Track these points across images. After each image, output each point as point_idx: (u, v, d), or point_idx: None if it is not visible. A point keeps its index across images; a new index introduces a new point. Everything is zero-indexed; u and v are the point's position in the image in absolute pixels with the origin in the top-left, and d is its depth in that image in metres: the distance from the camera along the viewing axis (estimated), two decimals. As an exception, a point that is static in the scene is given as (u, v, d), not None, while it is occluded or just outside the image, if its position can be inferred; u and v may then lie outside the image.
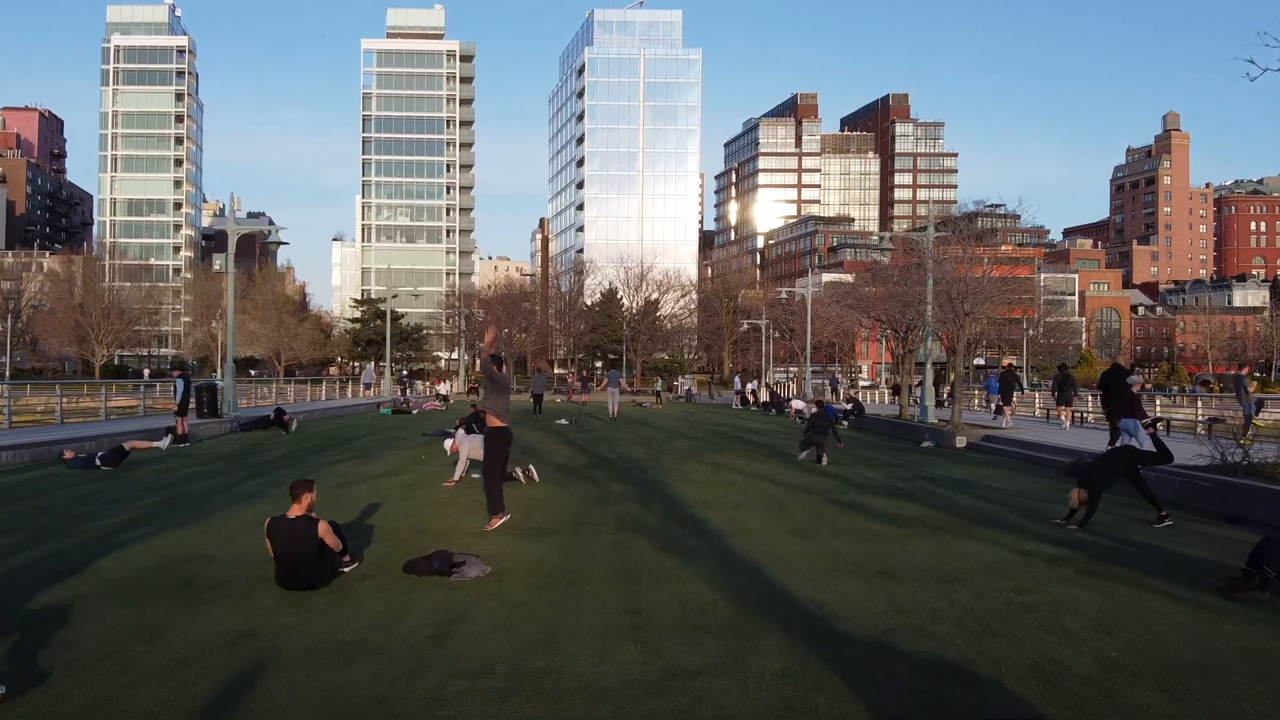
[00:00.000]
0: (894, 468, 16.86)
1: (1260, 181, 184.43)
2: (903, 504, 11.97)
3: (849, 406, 30.88)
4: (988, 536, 9.60)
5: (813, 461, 17.20)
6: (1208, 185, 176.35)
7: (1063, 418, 24.86)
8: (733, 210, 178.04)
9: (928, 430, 22.56)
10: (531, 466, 13.74)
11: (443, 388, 52.87)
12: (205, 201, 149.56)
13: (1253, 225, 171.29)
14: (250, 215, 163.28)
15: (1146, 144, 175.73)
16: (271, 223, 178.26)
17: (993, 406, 27.60)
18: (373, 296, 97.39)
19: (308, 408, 35.48)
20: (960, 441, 21.15)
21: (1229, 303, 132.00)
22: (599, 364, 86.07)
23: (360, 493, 12.45)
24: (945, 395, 34.56)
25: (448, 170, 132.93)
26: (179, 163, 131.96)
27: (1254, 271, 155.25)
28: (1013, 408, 25.76)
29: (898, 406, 30.49)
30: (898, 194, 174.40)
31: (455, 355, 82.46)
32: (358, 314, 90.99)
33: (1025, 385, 36.50)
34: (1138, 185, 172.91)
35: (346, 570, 7.55)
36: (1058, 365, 33.29)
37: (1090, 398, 26.97)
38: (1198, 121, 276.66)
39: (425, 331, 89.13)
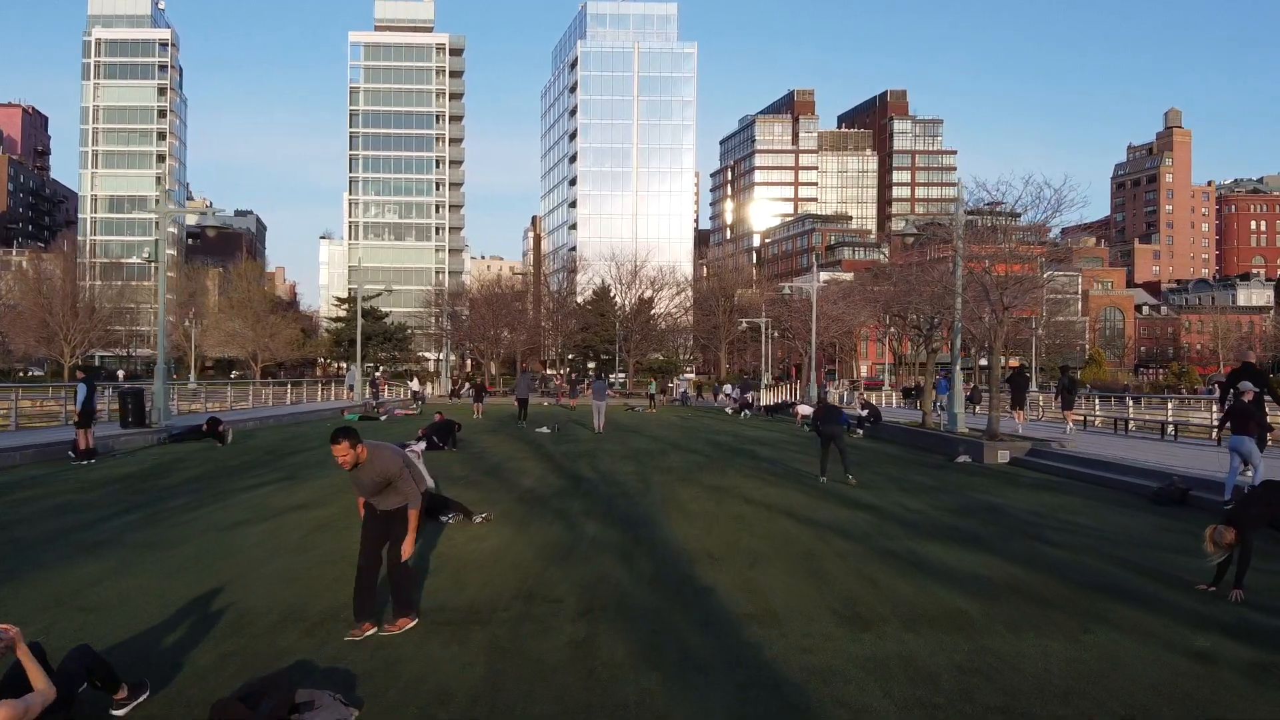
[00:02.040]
0: (936, 493, 13.84)
1: (1260, 180, 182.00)
2: (973, 555, 8.94)
3: (864, 413, 27.80)
4: (1125, 620, 6.56)
5: (840, 481, 14.30)
6: (1209, 183, 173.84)
7: (1069, 422, 22.89)
8: (728, 209, 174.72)
9: (961, 443, 19.54)
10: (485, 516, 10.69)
11: (421, 387, 49.03)
12: (190, 199, 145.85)
13: (1253, 224, 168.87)
14: (238, 213, 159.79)
15: (1148, 141, 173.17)
16: (259, 221, 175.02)
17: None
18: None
19: (267, 412, 32.53)
20: (1002, 456, 18.18)
21: (1233, 302, 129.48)
22: (591, 365, 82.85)
23: (249, 539, 9.36)
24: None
25: (437, 166, 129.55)
26: (161, 158, 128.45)
27: (1255, 271, 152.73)
28: (1025, 411, 24.14)
29: (919, 414, 27.49)
30: (896, 192, 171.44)
31: (441, 355, 79.20)
32: (341, 312, 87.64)
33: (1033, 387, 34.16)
34: (1139, 183, 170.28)
35: (120, 714, 4.53)
36: (1060, 367, 30.90)
37: (1127, 402, 24.29)
38: (1198, 120, 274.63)
39: (410, 331, 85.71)
